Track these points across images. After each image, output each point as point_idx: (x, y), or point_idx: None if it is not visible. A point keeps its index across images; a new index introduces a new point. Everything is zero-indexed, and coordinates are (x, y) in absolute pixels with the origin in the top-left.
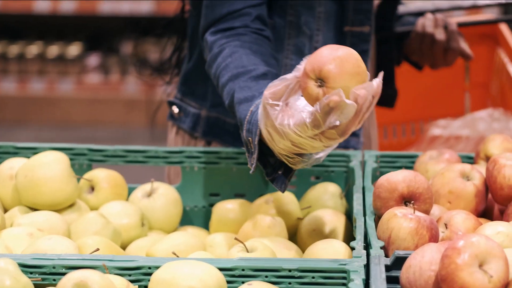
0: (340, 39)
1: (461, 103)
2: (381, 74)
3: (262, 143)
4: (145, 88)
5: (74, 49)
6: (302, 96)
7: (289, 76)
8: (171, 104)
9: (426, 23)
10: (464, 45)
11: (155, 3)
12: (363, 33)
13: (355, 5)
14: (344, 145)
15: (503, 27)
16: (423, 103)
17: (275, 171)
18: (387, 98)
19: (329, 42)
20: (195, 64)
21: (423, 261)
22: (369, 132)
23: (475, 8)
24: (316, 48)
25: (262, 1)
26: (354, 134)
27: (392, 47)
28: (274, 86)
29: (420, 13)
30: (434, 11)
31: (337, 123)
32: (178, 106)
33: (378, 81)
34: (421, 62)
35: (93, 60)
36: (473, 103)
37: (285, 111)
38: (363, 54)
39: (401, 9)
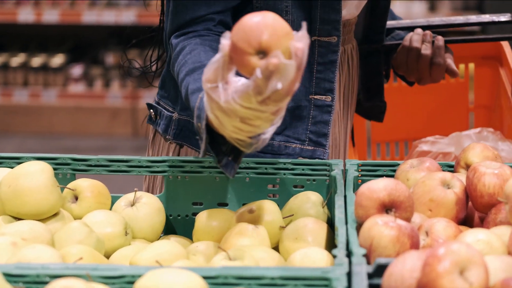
0: (308, 48)
1: (465, 123)
2: (304, 24)
3: (213, 131)
4: (128, 98)
5: (58, 59)
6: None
7: (216, 57)
8: (149, 107)
9: (414, 38)
10: (450, 62)
11: (138, 13)
12: (331, 43)
13: (323, 16)
14: (311, 155)
15: (507, 48)
16: (424, 122)
17: (226, 158)
18: (376, 111)
19: None
20: (168, 68)
21: (405, 268)
22: (338, 143)
23: (468, 25)
24: None
25: (225, 8)
26: (321, 145)
27: (381, 60)
28: (208, 71)
29: (412, 28)
30: (425, 27)
31: (279, 86)
32: (155, 109)
33: (304, 32)
34: (408, 76)
35: (77, 70)
36: (476, 124)
37: (227, 89)
38: (331, 64)
39: (393, 23)
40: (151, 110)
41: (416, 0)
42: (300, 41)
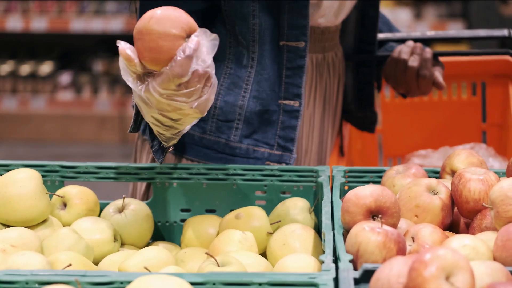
0: (277, 53)
1: (478, 141)
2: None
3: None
4: (117, 105)
5: (46, 67)
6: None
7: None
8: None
9: (403, 49)
10: (438, 75)
11: (126, 21)
12: (298, 48)
13: (290, 21)
14: (278, 160)
15: None
16: (437, 139)
17: (158, 144)
18: (368, 121)
19: (266, 54)
20: None
21: (391, 274)
22: (311, 149)
23: (458, 39)
24: (253, 59)
25: (191, 11)
26: (288, 150)
27: (372, 70)
28: (121, 71)
29: (403, 40)
30: (417, 39)
31: (199, 67)
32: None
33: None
34: (396, 87)
35: (65, 78)
36: (489, 142)
37: (144, 79)
38: (299, 69)
39: (389, 35)
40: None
41: (402, 7)
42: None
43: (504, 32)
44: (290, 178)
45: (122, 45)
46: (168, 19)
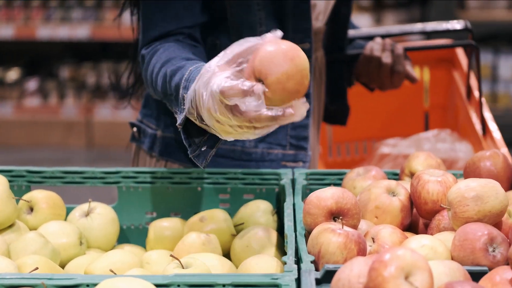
0: None
1: (421, 123)
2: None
3: (189, 124)
4: (83, 111)
5: (13, 74)
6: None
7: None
8: (132, 125)
9: (374, 47)
10: (409, 69)
11: (91, 28)
12: (304, 50)
13: (294, 24)
14: (293, 159)
15: (459, 52)
16: (382, 123)
17: (198, 149)
18: (340, 114)
19: None
20: None
21: (352, 274)
22: (314, 147)
23: (424, 33)
24: None
25: (194, 24)
26: (302, 148)
27: (343, 66)
28: (227, 85)
29: (371, 37)
30: (384, 36)
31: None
32: (138, 128)
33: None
34: (370, 83)
35: (32, 84)
36: (432, 124)
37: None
38: None
39: (353, 33)
40: (134, 129)
41: (363, 13)
42: (296, 107)
43: (462, 24)
44: (253, 181)
45: (260, 88)
46: (260, 59)
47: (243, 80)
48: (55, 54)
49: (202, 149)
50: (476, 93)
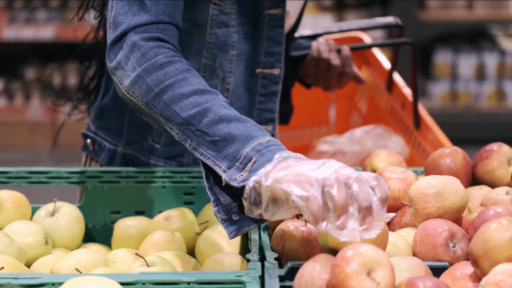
0: (251, 81)
1: (326, 113)
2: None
3: (228, 187)
4: (49, 112)
5: None
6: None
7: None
8: (85, 136)
9: (321, 48)
10: (356, 70)
11: (56, 29)
12: (273, 75)
13: (267, 48)
14: None
15: (366, 38)
16: (295, 116)
17: (228, 213)
18: (284, 115)
19: (240, 84)
20: (112, 99)
21: (315, 271)
22: None
23: (362, 30)
24: (227, 90)
25: (180, 26)
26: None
27: (288, 68)
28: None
29: (312, 37)
30: (323, 34)
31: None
32: (93, 140)
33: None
34: (316, 84)
35: None
36: (338, 114)
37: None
38: (273, 95)
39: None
40: (88, 141)
41: (324, 13)
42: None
43: (391, 20)
44: None
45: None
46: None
47: None
48: (20, 55)
49: (234, 217)
50: (404, 88)
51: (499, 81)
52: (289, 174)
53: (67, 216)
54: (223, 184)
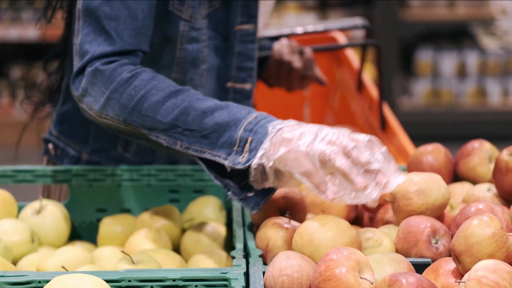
0: (222, 95)
1: (301, 111)
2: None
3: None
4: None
5: None
6: None
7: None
8: (46, 141)
9: (283, 50)
10: (318, 71)
11: (42, 29)
12: (245, 90)
13: (238, 63)
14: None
15: (341, 37)
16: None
17: (242, 193)
18: None
19: (211, 97)
20: (76, 106)
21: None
22: None
23: (327, 32)
24: None
25: (146, 50)
26: None
27: None
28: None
29: (275, 37)
30: (288, 35)
31: None
32: (55, 144)
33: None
34: (278, 85)
35: None
36: (312, 112)
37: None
38: None
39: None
40: (50, 145)
41: (307, 12)
42: None
43: (358, 22)
44: (202, 178)
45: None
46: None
47: None
48: (6, 55)
49: (249, 195)
50: (372, 89)
51: (480, 79)
52: (289, 152)
53: (53, 214)
54: (228, 170)
